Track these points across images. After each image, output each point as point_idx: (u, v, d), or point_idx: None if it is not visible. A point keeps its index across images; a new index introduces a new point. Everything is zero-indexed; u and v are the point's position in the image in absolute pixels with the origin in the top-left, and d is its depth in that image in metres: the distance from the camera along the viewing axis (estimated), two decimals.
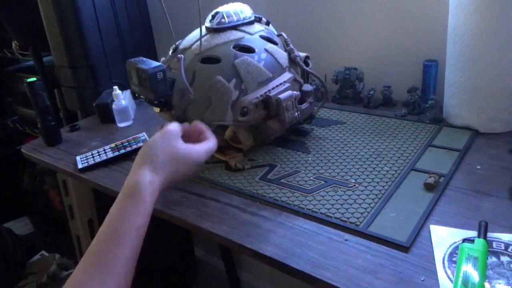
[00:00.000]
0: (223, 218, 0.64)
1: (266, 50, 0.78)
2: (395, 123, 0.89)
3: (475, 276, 0.47)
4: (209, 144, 0.64)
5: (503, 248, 0.52)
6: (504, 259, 0.51)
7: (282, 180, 0.72)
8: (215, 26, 0.78)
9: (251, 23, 0.81)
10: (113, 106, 1.03)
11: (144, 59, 0.75)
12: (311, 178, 0.72)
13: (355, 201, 0.64)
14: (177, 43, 0.82)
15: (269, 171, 0.75)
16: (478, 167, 0.70)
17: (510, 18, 0.73)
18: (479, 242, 0.51)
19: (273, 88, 0.76)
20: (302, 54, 0.84)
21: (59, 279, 1.51)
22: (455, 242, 0.54)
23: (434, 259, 0.51)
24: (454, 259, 0.51)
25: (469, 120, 0.82)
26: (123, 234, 0.51)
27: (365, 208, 0.62)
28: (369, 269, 0.51)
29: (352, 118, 0.94)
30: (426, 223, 0.58)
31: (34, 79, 0.95)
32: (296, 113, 0.78)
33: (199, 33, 0.79)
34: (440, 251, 0.52)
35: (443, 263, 0.51)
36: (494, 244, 0.53)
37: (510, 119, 0.80)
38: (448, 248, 0.53)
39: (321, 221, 0.61)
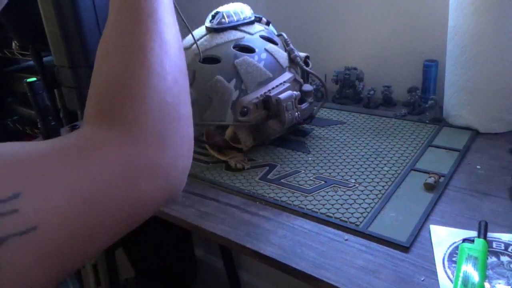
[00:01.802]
0: (223, 218, 0.64)
1: (266, 50, 0.78)
2: (395, 123, 0.89)
3: (475, 276, 0.47)
4: None
5: (503, 248, 0.52)
6: (504, 259, 0.51)
7: (282, 180, 0.72)
8: (215, 26, 0.78)
9: (251, 23, 0.81)
10: None
11: None
12: (311, 178, 0.72)
13: (355, 201, 0.64)
14: None
15: (269, 171, 0.75)
16: (478, 167, 0.70)
17: (510, 18, 0.73)
18: (479, 242, 0.51)
19: (273, 88, 0.76)
20: (302, 54, 0.84)
21: None
22: (455, 242, 0.54)
23: (434, 259, 0.51)
24: (454, 259, 0.51)
25: (469, 120, 0.82)
26: None
27: (365, 208, 0.62)
28: (369, 269, 0.51)
29: (352, 118, 0.94)
30: (426, 223, 0.58)
31: (34, 79, 0.95)
32: (296, 113, 0.78)
33: (199, 33, 0.79)
34: (440, 251, 0.52)
35: (443, 263, 0.51)
36: (494, 244, 0.53)
37: (510, 119, 0.80)
38: (448, 248, 0.53)
39: (321, 221, 0.61)
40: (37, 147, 0.30)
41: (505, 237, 0.54)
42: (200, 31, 0.80)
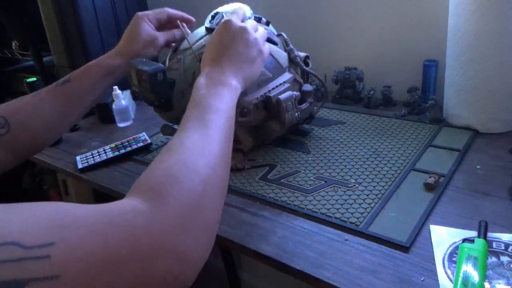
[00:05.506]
0: (223, 218, 0.63)
1: None
2: (395, 123, 0.89)
3: (475, 276, 0.47)
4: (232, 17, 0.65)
5: (503, 248, 0.52)
6: (504, 259, 0.51)
7: (282, 180, 0.72)
8: (214, 27, 0.78)
9: None
10: (113, 106, 1.03)
11: (144, 59, 0.75)
12: (311, 178, 0.72)
13: (355, 201, 0.64)
14: (177, 43, 0.82)
15: (269, 171, 0.75)
16: (478, 167, 0.70)
17: (510, 18, 0.73)
18: (479, 242, 0.51)
19: (273, 89, 0.76)
20: (302, 54, 0.84)
21: None
22: (455, 242, 0.54)
23: (434, 259, 0.51)
24: (454, 259, 0.51)
25: (469, 120, 0.82)
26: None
27: (365, 208, 0.62)
28: (369, 269, 0.51)
29: (352, 118, 0.94)
30: (426, 223, 0.58)
31: (34, 79, 0.95)
32: (296, 113, 0.78)
33: (199, 34, 0.79)
34: (440, 251, 0.52)
35: (443, 263, 0.51)
36: (494, 244, 0.53)
37: (510, 119, 0.80)
38: (448, 248, 0.53)
39: (321, 221, 0.61)
40: (85, 209, 0.35)
41: (505, 237, 0.54)
42: (199, 31, 0.80)
